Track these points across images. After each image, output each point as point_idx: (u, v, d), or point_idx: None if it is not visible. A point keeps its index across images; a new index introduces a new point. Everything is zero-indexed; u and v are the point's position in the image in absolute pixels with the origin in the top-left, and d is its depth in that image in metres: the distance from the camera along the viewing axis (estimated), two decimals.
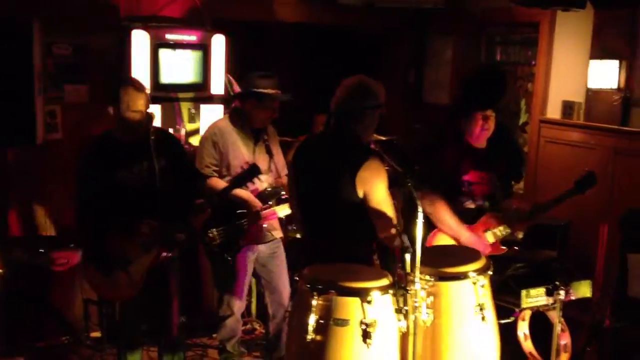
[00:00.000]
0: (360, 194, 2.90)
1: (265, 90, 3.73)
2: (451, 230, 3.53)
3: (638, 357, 3.65)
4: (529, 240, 4.37)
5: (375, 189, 2.91)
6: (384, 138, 4.43)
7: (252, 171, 3.43)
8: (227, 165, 3.81)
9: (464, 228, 3.53)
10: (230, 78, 4.67)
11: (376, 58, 6.32)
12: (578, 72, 4.82)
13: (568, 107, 4.90)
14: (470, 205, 3.64)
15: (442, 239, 3.57)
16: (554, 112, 5.06)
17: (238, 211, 3.79)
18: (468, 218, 3.59)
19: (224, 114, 4.53)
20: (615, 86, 4.53)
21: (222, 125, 3.88)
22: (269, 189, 3.83)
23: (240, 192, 3.68)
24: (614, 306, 3.84)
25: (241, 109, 3.84)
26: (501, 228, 3.57)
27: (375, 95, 3.08)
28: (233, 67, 4.82)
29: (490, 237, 3.58)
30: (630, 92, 4.50)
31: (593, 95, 4.73)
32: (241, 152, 3.83)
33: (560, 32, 5.00)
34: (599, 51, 4.64)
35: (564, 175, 4.82)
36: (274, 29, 5.76)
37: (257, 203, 3.78)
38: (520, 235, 3.77)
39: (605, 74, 4.56)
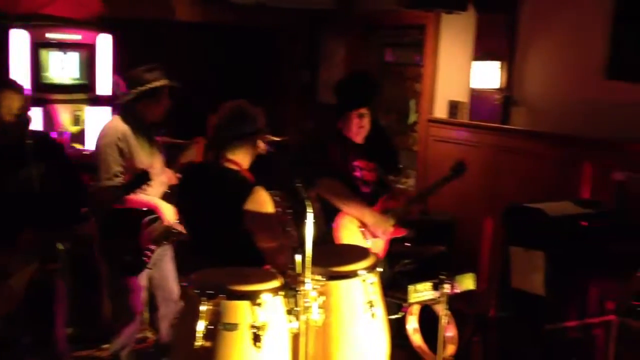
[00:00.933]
0: (247, 226, 2.92)
1: (158, 83, 3.60)
2: (356, 209, 3.64)
3: (520, 345, 3.83)
4: (418, 236, 4.51)
5: (262, 220, 2.92)
6: (277, 138, 4.44)
7: (143, 177, 3.33)
8: (131, 169, 3.59)
9: (367, 207, 3.66)
10: (117, 79, 4.53)
11: (271, 58, 6.33)
12: (462, 73, 5.02)
13: (454, 107, 5.09)
14: (366, 189, 3.78)
15: (347, 227, 3.65)
16: (440, 111, 5.24)
17: (148, 218, 3.64)
18: (366, 202, 3.73)
19: (113, 115, 4.38)
20: (496, 86, 4.74)
21: (123, 129, 3.61)
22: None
23: (145, 199, 3.58)
24: (499, 297, 4.01)
25: (133, 109, 3.65)
26: (400, 208, 3.75)
27: (254, 120, 3.12)
28: (125, 67, 4.68)
29: (390, 218, 3.73)
30: (510, 91, 4.73)
31: (476, 95, 4.93)
32: (144, 155, 3.64)
33: (446, 34, 5.19)
34: (481, 53, 4.84)
35: None
36: (168, 29, 5.65)
37: (166, 206, 3.68)
38: (411, 233, 3.96)
39: (487, 75, 4.76)
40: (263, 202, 2.95)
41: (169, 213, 3.65)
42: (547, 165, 4.45)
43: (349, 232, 3.66)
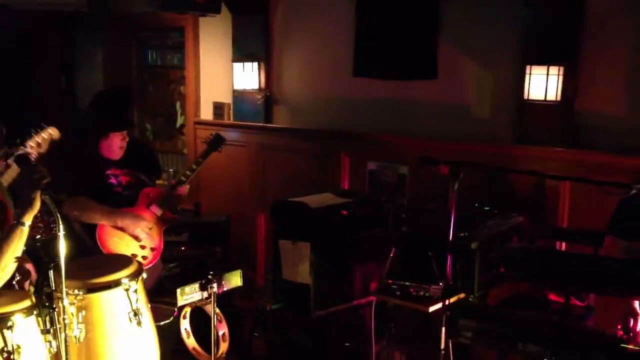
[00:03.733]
0: None
1: None
2: (103, 218, 3.56)
3: (293, 333, 3.98)
4: (193, 239, 4.50)
5: None
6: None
7: None
8: None
9: (117, 211, 3.59)
10: None
11: (26, 63, 5.91)
12: (225, 74, 5.08)
13: (218, 108, 5.14)
14: (126, 192, 3.72)
15: (111, 235, 3.57)
16: (206, 113, 5.27)
17: None
18: (124, 204, 3.67)
19: None
20: (256, 87, 4.87)
21: None
22: None
23: None
24: (274, 290, 4.12)
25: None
26: (163, 194, 3.74)
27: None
28: None
29: (156, 209, 3.71)
30: (270, 91, 4.89)
31: (239, 96, 5.03)
32: None
33: (205, 36, 5.22)
34: (240, 54, 4.94)
35: (224, 173, 5.08)
36: None
37: None
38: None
39: (247, 76, 4.87)
40: None
41: None
42: (309, 159, 4.67)
43: (115, 239, 3.57)
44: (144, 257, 3.61)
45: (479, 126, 4.06)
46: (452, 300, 3.13)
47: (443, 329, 3.04)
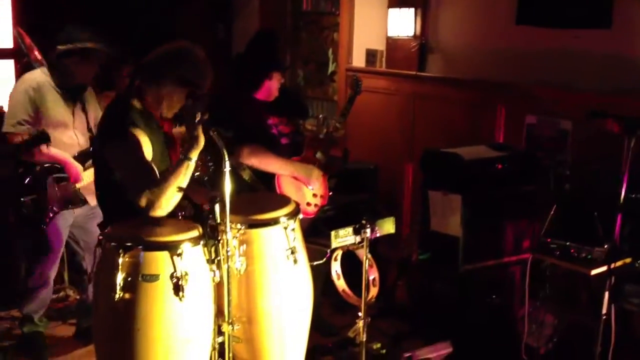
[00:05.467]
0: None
1: (90, 44, 3.50)
2: (281, 168, 3.65)
3: (439, 285, 3.94)
4: (340, 185, 4.54)
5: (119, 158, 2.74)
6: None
7: (41, 138, 3.22)
8: (46, 125, 3.51)
9: (291, 161, 3.69)
10: (20, 30, 4.29)
11: (184, 14, 6.12)
12: (379, 20, 5.00)
13: (371, 55, 5.08)
14: (285, 141, 3.80)
15: (287, 184, 3.68)
16: (358, 60, 5.23)
17: (55, 175, 3.57)
18: (290, 153, 3.76)
19: (16, 69, 4.16)
20: (411, 33, 4.76)
21: (40, 80, 3.58)
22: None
23: (56, 153, 3.49)
24: (420, 241, 4.10)
25: (60, 65, 3.56)
26: (324, 145, 3.83)
27: (188, 69, 2.82)
28: (25, 18, 4.41)
29: (320, 156, 3.81)
30: (425, 38, 4.76)
31: (392, 43, 4.93)
32: (60, 112, 3.58)
33: None
34: (396, 0, 4.83)
35: (373, 121, 5.06)
36: None
37: (76, 165, 3.59)
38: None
39: (403, 22, 4.76)
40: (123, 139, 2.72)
41: (75, 173, 3.57)
42: (462, 110, 4.53)
43: (292, 187, 3.69)
44: (315, 205, 3.74)
45: None
46: (617, 264, 2.95)
47: (606, 294, 2.88)
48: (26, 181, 3.53)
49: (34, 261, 3.73)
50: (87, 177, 3.63)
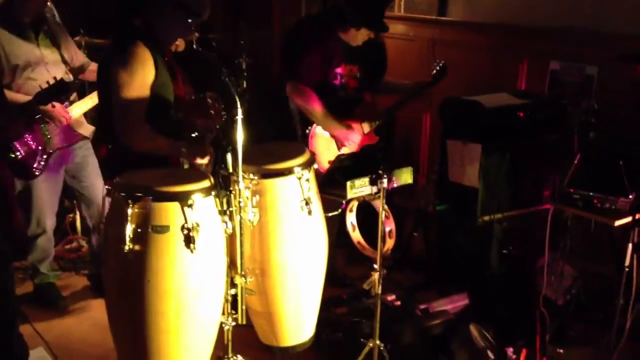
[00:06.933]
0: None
1: None
2: (322, 122, 3.63)
3: (457, 236, 3.86)
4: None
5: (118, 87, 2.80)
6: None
7: (60, 88, 3.12)
8: (13, 69, 3.40)
9: (335, 121, 3.66)
10: None
11: None
12: None
13: None
14: (345, 95, 3.75)
15: (320, 136, 3.67)
16: None
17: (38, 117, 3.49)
18: (343, 109, 3.71)
19: None
20: None
21: None
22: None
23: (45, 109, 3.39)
24: (437, 191, 4.01)
25: (5, 4, 3.42)
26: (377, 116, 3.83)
27: None
28: None
29: (366, 127, 3.79)
30: None
31: None
32: (23, 49, 3.44)
33: None
34: None
35: (390, 68, 4.89)
36: None
37: (65, 118, 3.50)
38: None
39: None
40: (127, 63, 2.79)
41: (59, 115, 3.48)
42: (483, 56, 4.39)
43: (321, 140, 3.65)
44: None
45: None
46: None
47: (630, 245, 2.79)
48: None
49: (31, 208, 3.68)
50: (75, 111, 3.56)
